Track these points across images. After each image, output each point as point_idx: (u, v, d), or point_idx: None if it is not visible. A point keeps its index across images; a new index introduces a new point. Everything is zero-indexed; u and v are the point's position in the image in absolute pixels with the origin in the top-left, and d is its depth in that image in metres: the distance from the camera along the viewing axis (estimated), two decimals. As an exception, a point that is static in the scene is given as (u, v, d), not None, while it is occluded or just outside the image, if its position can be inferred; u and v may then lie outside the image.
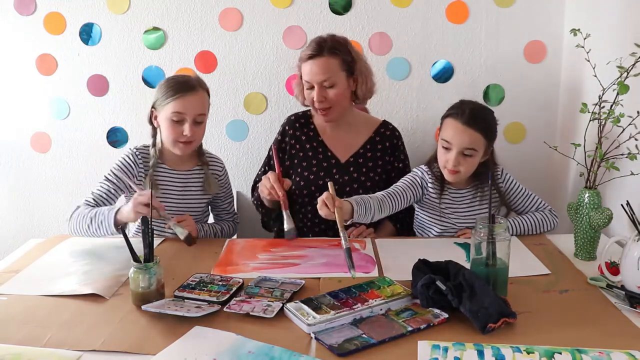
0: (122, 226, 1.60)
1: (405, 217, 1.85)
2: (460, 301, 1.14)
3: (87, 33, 2.19)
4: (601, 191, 1.52)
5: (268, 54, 2.20)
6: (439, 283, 1.17)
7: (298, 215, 1.84)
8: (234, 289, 1.28)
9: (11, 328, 1.13)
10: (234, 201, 1.97)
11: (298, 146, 1.88)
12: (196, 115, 1.66)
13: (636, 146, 1.48)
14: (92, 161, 2.31)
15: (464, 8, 2.14)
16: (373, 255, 1.53)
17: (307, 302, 1.19)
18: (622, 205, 1.30)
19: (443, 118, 1.66)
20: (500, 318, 1.10)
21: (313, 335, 1.09)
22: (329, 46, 1.74)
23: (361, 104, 1.97)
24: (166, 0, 2.16)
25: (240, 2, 2.16)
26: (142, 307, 1.17)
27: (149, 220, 1.26)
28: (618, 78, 1.50)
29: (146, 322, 1.16)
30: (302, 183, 1.84)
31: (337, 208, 1.43)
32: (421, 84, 2.22)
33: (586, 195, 1.51)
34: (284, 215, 1.66)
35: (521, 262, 1.44)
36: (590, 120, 1.56)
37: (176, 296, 1.26)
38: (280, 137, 1.91)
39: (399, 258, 1.50)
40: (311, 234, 1.81)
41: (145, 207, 1.48)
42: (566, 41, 2.12)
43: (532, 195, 1.74)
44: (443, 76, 2.21)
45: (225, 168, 1.86)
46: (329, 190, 1.47)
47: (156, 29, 2.19)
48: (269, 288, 1.29)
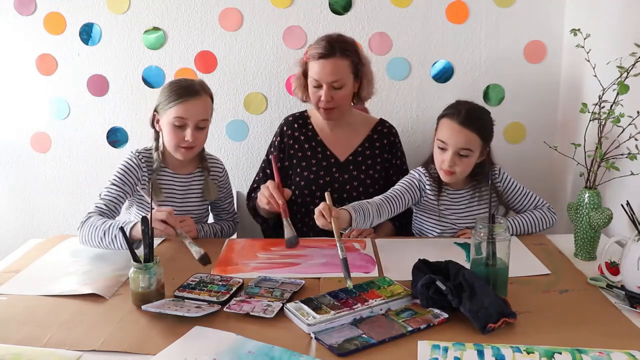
0: (123, 226, 1.59)
1: (403, 215, 1.85)
2: (460, 301, 1.14)
3: (87, 33, 2.19)
4: (601, 191, 1.52)
5: (268, 54, 2.20)
6: (439, 283, 1.17)
7: (298, 215, 1.84)
8: (234, 289, 1.28)
9: (11, 328, 1.13)
10: (234, 201, 1.97)
11: (297, 146, 1.89)
12: (199, 120, 1.64)
13: (636, 146, 1.48)
14: (92, 161, 2.31)
15: (464, 8, 2.14)
16: (373, 255, 1.53)
17: (307, 302, 1.19)
18: (622, 205, 1.30)
19: (439, 118, 1.66)
20: (500, 318, 1.10)
21: (313, 335, 1.09)
22: (341, 47, 1.74)
23: (360, 105, 1.97)
24: (166, 0, 2.16)
25: (240, 2, 2.16)
26: (142, 307, 1.17)
27: (149, 220, 1.26)
28: (618, 78, 1.50)
29: (146, 322, 1.16)
30: (303, 183, 1.84)
31: (334, 218, 1.41)
32: (421, 84, 2.22)
33: (586, 195, 1.51)
34: (285, 223, 1.63)
35: (521, 262, 1.44)
36: (590, 120, 1.56)
37: (176, 296, 1.26)
38: (279, 138, 1.91)
39: (399, 258, 1.50)
40: (312, 234, 1.81)
41: (162, 224, 1.43)
42: (566, 41, 2.12)
43: (530, 193, 1.74)
44: (443, 76, 2.21)
45: (225, 169, 1.86)
46: (327, 200, 1.46)
47: (156, 29, 2.19)
48: (269, 288, 1.29)
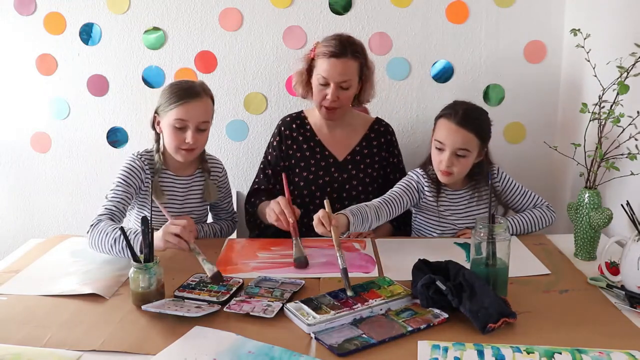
0: (122, 226, 1.59)
1: (402, 216, 1.85)
2: (460, 301, 1.14)
3: (87, 33, 2.19)
4: (601, 191, 1.52)
5: (268, 54, 2.20)
6: (439, 283, 1.17)
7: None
8: (234, 289, 1.28)
9: (11, 328, 1.13)
10: (233, 201, 1.96)
11: (295, 147, 1.89)
12: (199, 122, 1.63)
13: (636, 146, 1.48)
14: (92, 161, 2.31)
15: (464, 8, 2.14)
16: (373, 255, 1.53)
17: (307, 302, 1.19)
18: (622, 205, 1.30)
19: (436, 119, 1.66)
20: (500, 318, 1.10)
21: (313, 335, 1.09)
22: (352, 48, 1.74)
23: (357, 107, 1.96)
24: (166, 0, 2.16)
25: (240, 2, 2.16)
26: (142, 307, 1.17)
27: (149, 220, 1.26)
28: (618, 78, 1.50)
29: (146, 322, 1.16)
30: (302, 183, 1.84)
31: (334, 227, 1.40)
32: (421, 84, 2.22)
33: (586, 195, 1.51)
34: (294, 243, 1.56)
35: (521, 262, 1.44)
36: (590, 120, 1.56)
37: (176, 296, 1.26)
38: (277, 139, 1.91)
39: (399, 258, 1.49)
40: (312, 234, 1.80)
41: (176, 238, 1.39)
42: (566, 41, 2.12)
43: (529, 192, 1.74)
44: (443, 76, 2.21)
45: (224, 169, 1.86)
46: (325, 207, 1.45)
47: (156, 29, 2.19)
48: (269, 288, 1.29)
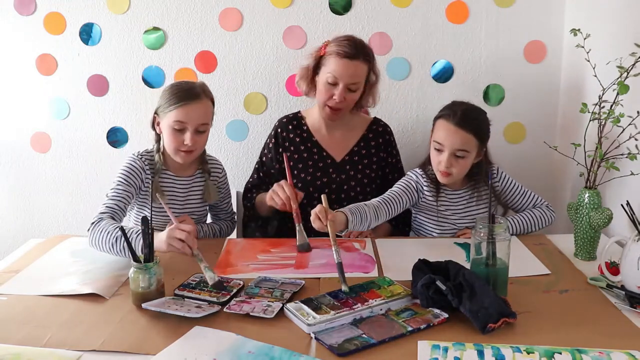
0: (122, 225, 1.59)
1: (401, 215, 1.85)
2: (460, 301, 1.14)
3: (87, 33, 2.19)
4: (601, 191, 1.53)
5: (268, 54, 2.20)
6: (439, 283, 1.17)
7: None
8: (234, 290, 1.28)
9: (11, 328, 1.13)
10: (233, 201, 1.96)
11: (292, 148, 1.89)
12: (198, 124, 1.62)
13: (636, 146, 1.49)
14: (92, 161, 2.31)
15: (464, 8, 2.14)
16: (373, 255, 1.53)
17: (307, 302, 1.19)
18: (622, 205, 1.30)
19: (435, 119, 1.67)
20: (500, 318, 1.10)
21: (313, 335, 1.09)
22: (365, 52, 1.75)
23: (356, 111, 1.95)
24: (166, 0, 2.16)
25: (240, 2, 2.16)
26: (143, 306, 1.17)
27: (149, 220, 1.26)
28: (618, 78, 1.50)
29: (146, 322, 1.16)
30: (300, 185, 1.84)
31: (330, 222, 1.41)
32: (421, 84, 2.22)
33: (586, 195, 1.51)
34: (297, 229, 1.60)
35: (521, 262, 1.44)
36: (590, 120, 1.57)
37: (176, 295, 1.26)
38: (274, 140, 1.91)
39: (399, 258, 1.50)
40: (312, 234, 1.80)
41: (179, 242, 1.38)
42: (566, 41, 2.12)
43: (529, 192, 1.74)
44: (443, 76, 2.21)
45: (224, 170, 1.86)
46: (322, 202, 1.46)
47: (156, 29, 2.19)
48: (269, 288, 1.29)
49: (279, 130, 1.91)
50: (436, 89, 2.22)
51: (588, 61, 1.61)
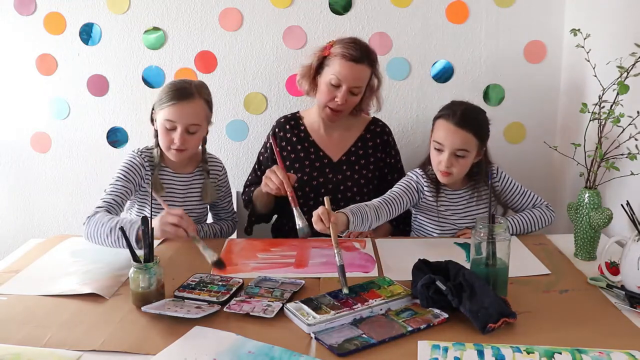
0: (122, 226, 1.59)
1: (401, 215, 1.85)
2: (460, 301, 1.14)
3: (87, 33, 2.19)
4: (601, 191, 1.53)
5: (268, 54, 2.20)
6: (439, 283, 1.17)
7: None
8: (234, 289, 1.28)
9: (11, 328, 1.13)
10: (233, 201, 1.96)
11: (289, 148, 1.89)
12: (188, 124, 1.61)
13: (636, 146, 1.49)
14: (92, 161, 2.31)
15: (464, 8, 2.14)
16: (373, 254, 1.53)
17: (307, 302, 1.19)
18: (622, 205, 1.30)
19: (434, 119, 1.66)
20: (500, 318, 1.10)
21: (313, 335, 1.09)
22: (370, 56, 1.75)
23: (355, 115, 1.95)
24: (166, 0, 2.16)
25: (240, 2, 2.16)
26: (142, 309, 1.17)
27: (149, 219, 1.26)
28: (618, 78, 1.50)
29: (146, 322, 1.16)
30: (296, 185, 1.83)
31: (332, 224, 1.40)
32: (421, 84, 2.22)
33: (586, 195, 1.51)
34: (295, 212, 1.59)
35: (521, 262, 1.44)
36: (590, 120, 1.57)
37: (176, 296, 1.26)
38: (271, 140, 1.90)
39: (399, 258, 1.50)
40: (312, 234, 1.80)
41: (173, 227, 1.39)
42: (566, 41, 2.12)
43: (529, 192, 1.74)
44: (443, 76, 2.21)
45: (224, 169, 1.86)
46: (325, 204, 1.45)
47: (156, 29, 2.19)
48: (269, 288, 1.29)
49: (277, 130, 1.91)
50: (436, 89, 2.22)
51: (588, 61, 1.61)
